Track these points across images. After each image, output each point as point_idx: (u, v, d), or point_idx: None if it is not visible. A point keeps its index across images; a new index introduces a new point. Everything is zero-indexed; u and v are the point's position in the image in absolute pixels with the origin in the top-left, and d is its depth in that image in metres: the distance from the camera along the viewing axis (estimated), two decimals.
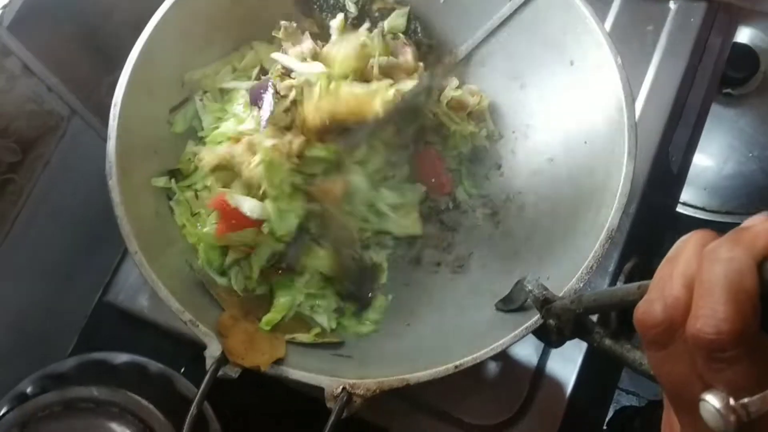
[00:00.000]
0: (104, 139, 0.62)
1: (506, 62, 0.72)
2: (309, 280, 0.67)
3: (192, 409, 0.51)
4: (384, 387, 0.53)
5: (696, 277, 0.32)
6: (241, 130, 0.66)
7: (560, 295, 0.54)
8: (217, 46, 0.71)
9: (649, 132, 0.79)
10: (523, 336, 0.54)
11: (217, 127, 0.69)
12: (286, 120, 0.66)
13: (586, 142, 0.65)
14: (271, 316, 0.64)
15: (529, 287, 0.54)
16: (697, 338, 0.31)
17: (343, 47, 0.68)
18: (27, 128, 0.76)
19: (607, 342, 0.47)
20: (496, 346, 0.53)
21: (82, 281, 0.84)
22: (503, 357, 0.70)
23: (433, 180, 0.73)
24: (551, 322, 0.52)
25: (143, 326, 0.79)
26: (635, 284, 0.40)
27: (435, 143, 0.74)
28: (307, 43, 0.70)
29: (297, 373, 0.53)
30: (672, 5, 0.84)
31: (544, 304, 0.52)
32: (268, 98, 0.66)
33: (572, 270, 0.57)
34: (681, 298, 0.32)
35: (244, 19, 0.72)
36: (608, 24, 0.84)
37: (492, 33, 0.72)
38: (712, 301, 0.30)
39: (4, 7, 0.66)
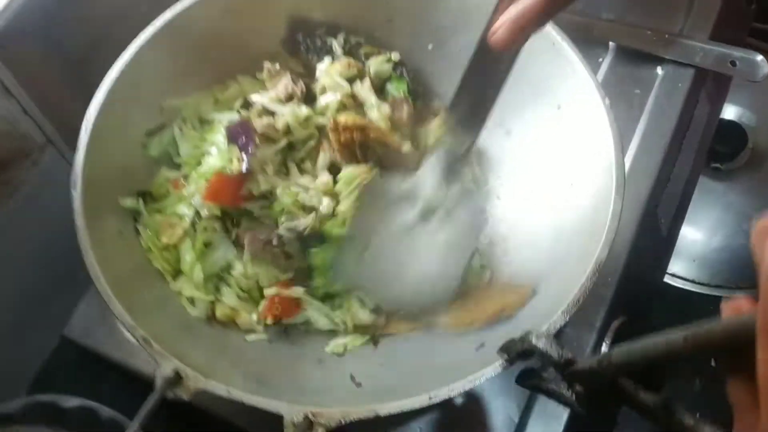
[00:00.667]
0: None
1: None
2: None
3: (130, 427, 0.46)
4: (350, 417, 0.49)
5: None
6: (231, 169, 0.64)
7: (544, 329, 0.51)
8: (201, 76, 0.70)
9: (636, 191, 0.77)
10: (499, 371, 0.50)
11: (199, 161, 0.67)
12: None
13: (572, 184, 0.64)
14: None
15: (541, 345, 0.46)
16: None
17: (331, 97, 0.67)
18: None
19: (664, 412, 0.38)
20: (472, 378, 0.49)
21: (43, 318, 0.79)
22: (481, 410, 0.65)
23: None
24: (576, 389, 0.44)
25: (103, 369, 0.74)
26: (680, 335, 0.35)
27: None
28: (282, 85, 0.69)
29: (254, 398, 0.49)
30: (659, 71, 0.85)
31: (566, 366, 0.44)
32: (248, 139, 0.65)
33: (555, 308, 0.53)
34: None
35: (231, 53, 0.71)
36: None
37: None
38: None
39: None
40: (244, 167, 0.63)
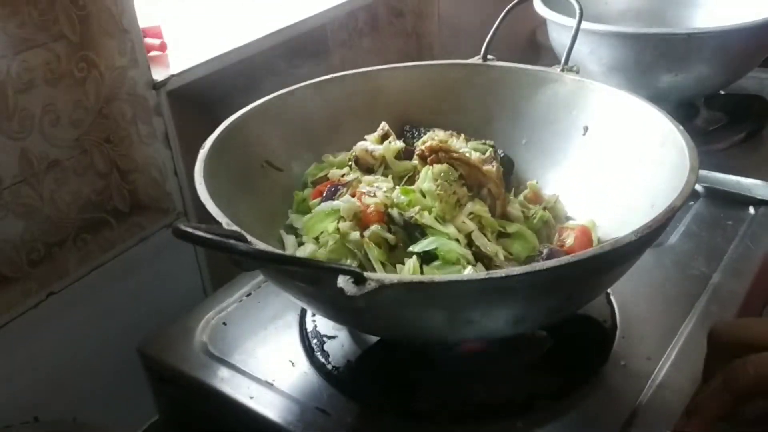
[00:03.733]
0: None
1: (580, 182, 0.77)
2: None
3: None
4: (406, 281, 0.48)
5: None
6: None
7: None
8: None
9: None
10: None
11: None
12: None
13: (653, 206, 0.65)
14: None
15: None
16: None
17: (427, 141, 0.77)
18: (143, 193, 0.86)
19: None
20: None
21: None
22: None
23: None
24: None
25: None
26: None
27: None
28: (380, 127, 0.81)
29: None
30: (751, 210, 0.88)
31: None
32: (334, 186, 0.74)
33: None
34: None
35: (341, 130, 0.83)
36: (690, 215, 0.88)
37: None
38: None
39: (173, 75, 0.83)
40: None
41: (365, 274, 0.47)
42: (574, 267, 0.49)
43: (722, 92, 1.12)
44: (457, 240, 0.66)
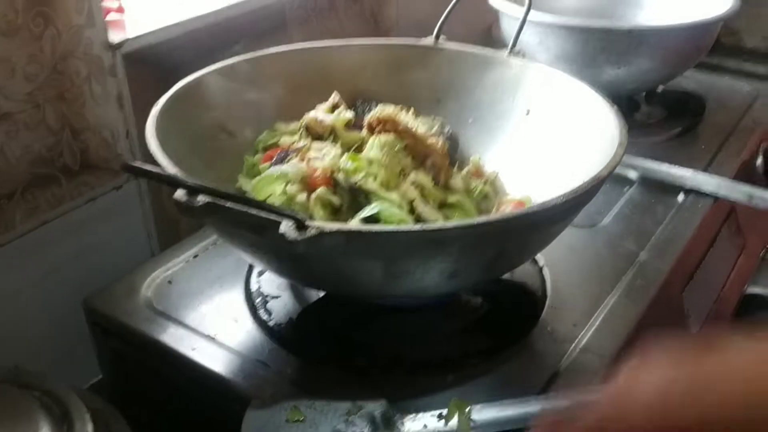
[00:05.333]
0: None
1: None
2: None
3: None
4: (345, 229, 0.51)
5: None
6: None
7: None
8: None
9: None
10: None
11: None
12: None
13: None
14: None
15: None
16: None
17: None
18: (94, 153, 0.86)
19: None
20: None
21: None
22: None
23: None
24: None
25: None
26: None
27: None
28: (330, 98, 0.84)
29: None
30: (680, 198, 0.93)
31: None
32: (284, 152, 0.77)
33: None
34: None
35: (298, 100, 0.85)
36: (623, 199, 0.93)
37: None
38: None
39: (129, 38, 0.84)
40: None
41: (307, 222, 0.50)
42: (502, 224, 0.53)
43: (662, 89, 1.18)
44: (400, 206, 0.69)
